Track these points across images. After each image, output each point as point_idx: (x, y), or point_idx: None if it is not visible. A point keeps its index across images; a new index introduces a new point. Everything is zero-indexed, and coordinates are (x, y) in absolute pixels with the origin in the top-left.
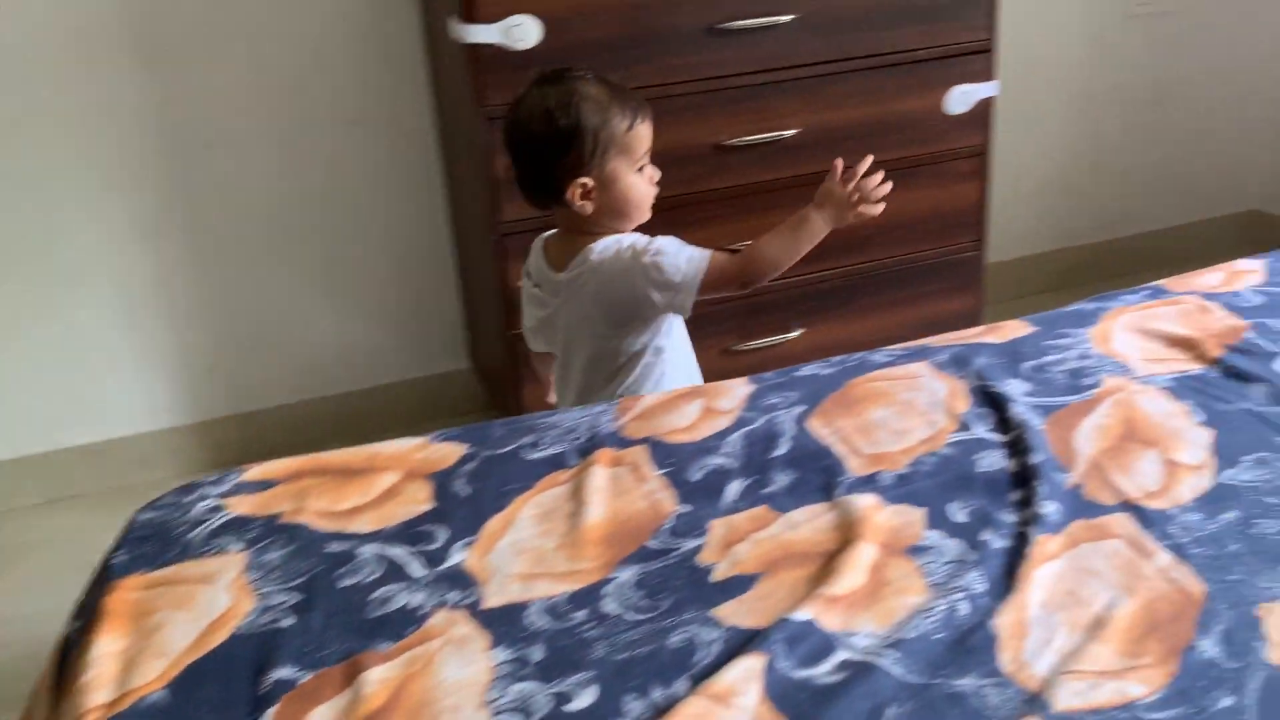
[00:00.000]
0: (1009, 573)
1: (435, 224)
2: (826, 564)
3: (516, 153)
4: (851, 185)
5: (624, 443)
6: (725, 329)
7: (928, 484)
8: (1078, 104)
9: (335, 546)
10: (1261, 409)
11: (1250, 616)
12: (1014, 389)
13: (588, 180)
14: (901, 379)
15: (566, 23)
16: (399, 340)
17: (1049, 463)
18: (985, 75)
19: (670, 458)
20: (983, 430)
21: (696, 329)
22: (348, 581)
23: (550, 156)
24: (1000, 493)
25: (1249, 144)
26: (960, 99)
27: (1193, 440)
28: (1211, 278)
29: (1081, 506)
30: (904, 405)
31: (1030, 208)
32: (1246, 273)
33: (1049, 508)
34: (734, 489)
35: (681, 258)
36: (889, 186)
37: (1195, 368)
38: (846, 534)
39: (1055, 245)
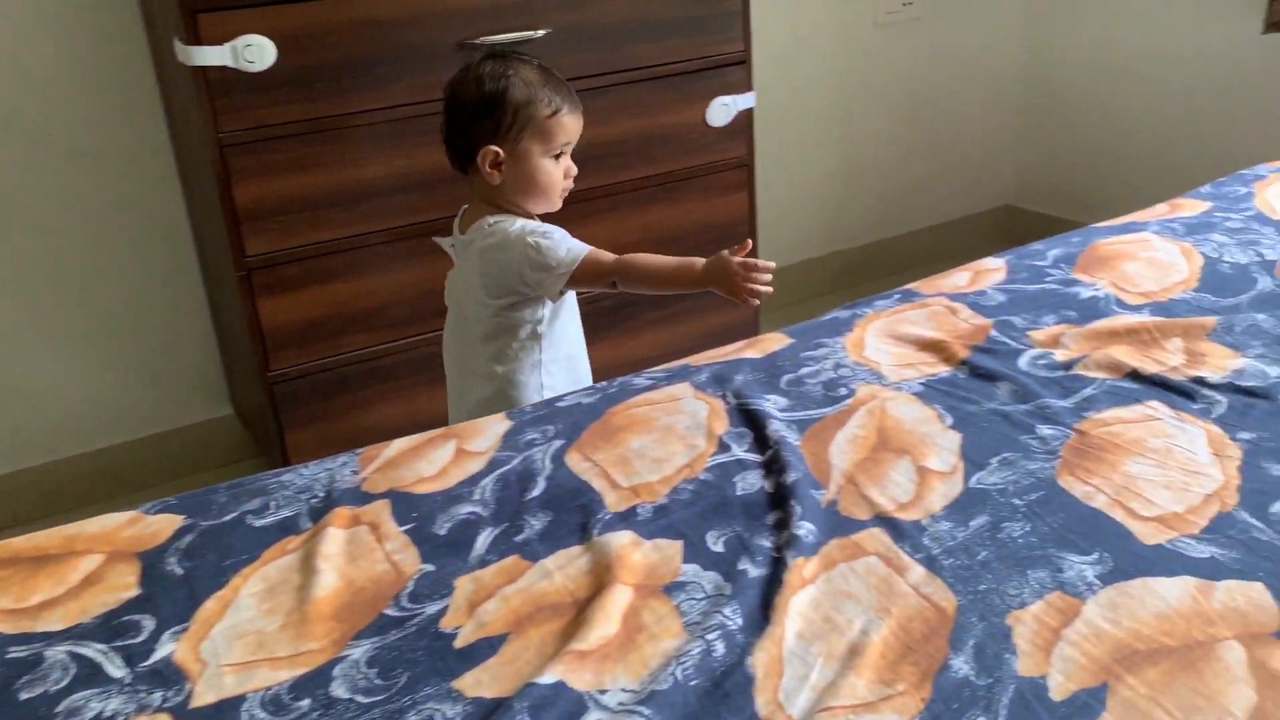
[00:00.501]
0: (765, 603)
1: (182, 261)
2: (579, 614)
3: (446, 114)
4: (747, 263)
5: (364, 498)
6: None
7: (686, 513)
8: (835, 111)
9: (17, 651)
10: (1006, 408)
11: (1001, 627)
12: (772, 405)
13: (499, 150)
14: (662, 403)
15: (303, 42)
16: (154, 389)
17: (805, 480)
18: (744, 86)
19: (414, 511)
20: (741, 450)
21: None
22: (31, 693)
23: (470, 120)
24: (758, 516)
25: (998, 143)
26: (721, 111)
27: (943, 445)
28: (959, 278)
29: (837, 524)
30: (664, 431)
31: (800, 214)
32: (991, 271)
33: (805, 528)
34: (484, 540)
35: (563, 247)
36: (769, 290)
37: (944, 370)
38: (601, 578)
39: (829, 249)
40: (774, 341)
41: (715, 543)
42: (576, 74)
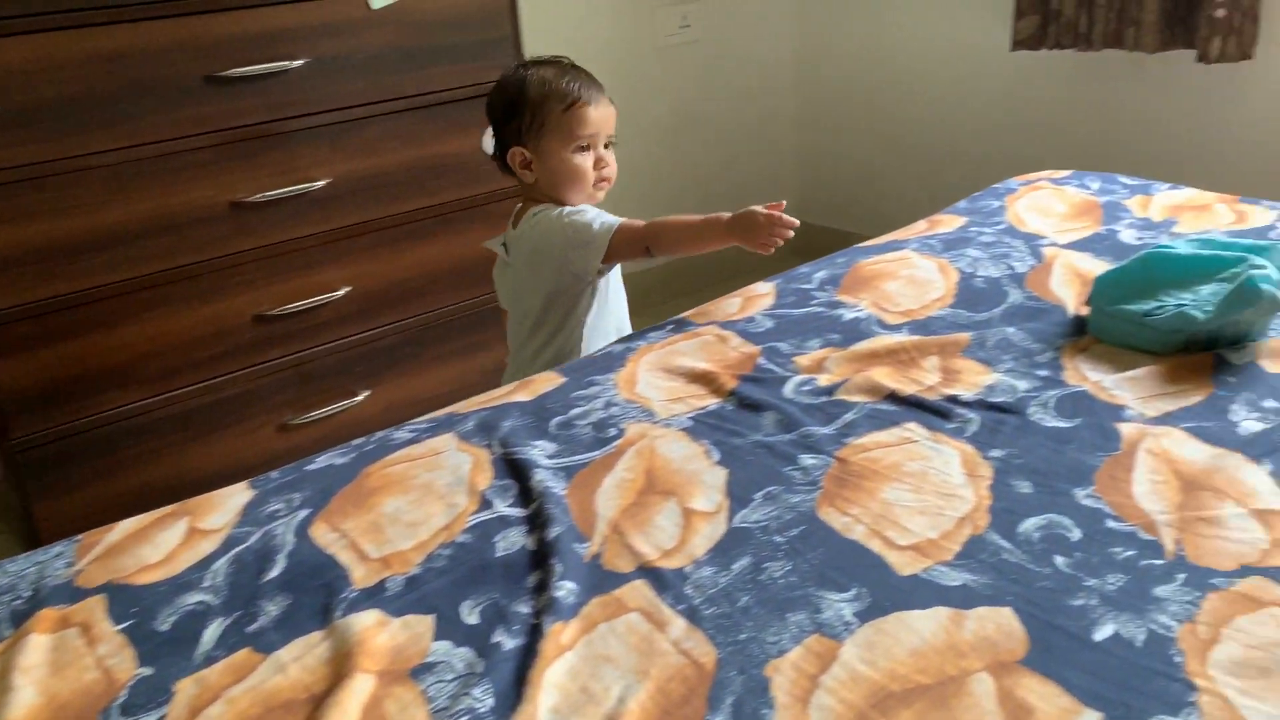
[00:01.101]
0: (520, 679)
1: None
2: (313, 712)
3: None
4: (773, 216)
5: (76, 595)
6: (277, 402)
7: (441, 583)
8: (620, 134)
9: None
10: (771, 439)
11: (760, 680)
12: (539, 452)
13: (525, 152)
14: (423, 458)
15: (24, 78)
16: None
17: (568, 534)
18: None
19: (134, 606)
20: (504, 506)
21: (245, 408)
22: None
23: (499, 126)
24: (518, 579)
25: (779, 159)
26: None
27: (709, 483)
28: (730, 305)
29: (600, 580)
30: (422, 490)
31: None
32: (761, 296)
33: (565, 589)
34: (212, 633)
35: (596, 221)
36: (791, 234)
37: (713, 402)
38: (340, 667)
39: (625, 271)
40: (546, 382)
41: (470, 614)
42: (338, 104)
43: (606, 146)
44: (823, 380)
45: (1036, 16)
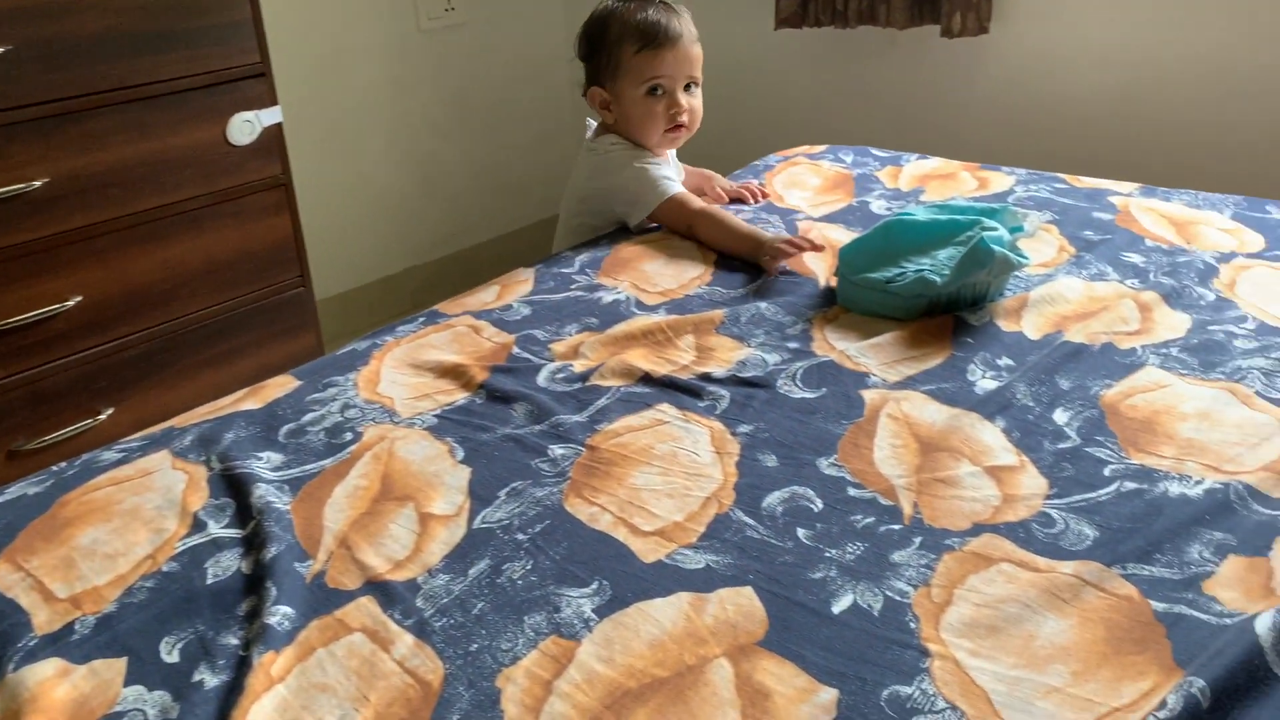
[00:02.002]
0: (220, 719)
1: None
2: None
3: None
4: (792, 240)
5: None
6: (6, 427)
7: (138, 620)
8: (390, 122)
9: None
10: (520, 431)
11: (490, 692)
12: (264, 465)
13: (604, 92)
14: (131, 480)
15: None
16: None
17: (289, 552)
18: (266, 100)
19: None
20: (219, 528)
21: None
22: None
23: (585, 64)
24: (229, 608)
25: (560, 144)
26: (243, 128)
27: (450, 484)
28: (486, 294)
29: (322, 600)
30: (127, 516)
31: (368, 231)
32: (519, 284)
33: (280, 614)
34: None
35: (659, 184)
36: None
37: (461, 397)
38: None
39: (405, 265)
40: (279, 387)
41: (170, 652)
42: (52, 96)
43: (687, 89)
44: (578, 366)
45: None
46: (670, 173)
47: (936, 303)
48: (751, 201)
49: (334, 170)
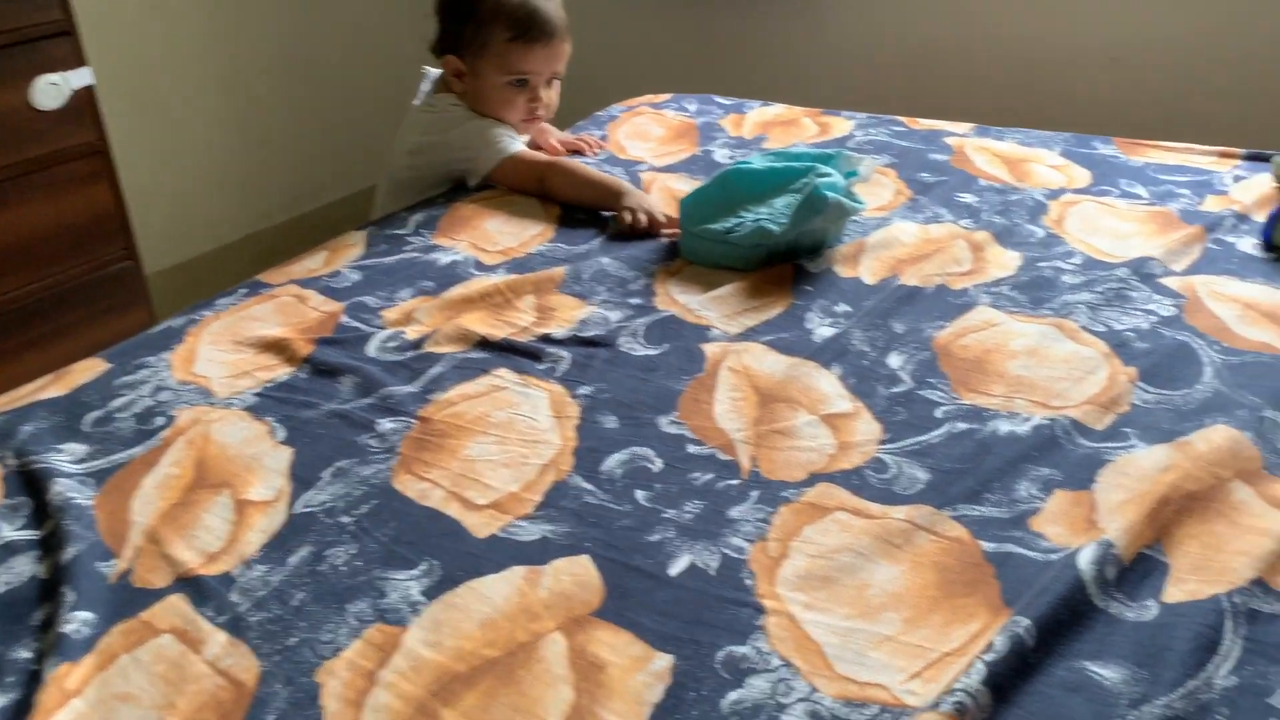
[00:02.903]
0: None
1: None
2: None
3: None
4: (655, 219)
5: None
6: None
7: None
8: (219, 81)
9: None
10: (347, 406)
11: (309, 688)
12: (66, 457)
13: (460, 63)
14: None
15: None
16: None
17: (91, 552)
18: (74, 61)
19: None
20: (11, 531)
21: None
22: None
23: (443, 18)
24: (21, 618)
25: (397, 99)
26: (50, 91)
27: (270, 467)
28: (313, 260)
29: (126, 602)
30: None
31: (200, 197)
32: (349, 248)
33: (78, 621)
34: None
35: (498, 141)
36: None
37: (284, 373)
38: None
39: (243, 233)
40: (86, 371)
41: None
42: None
43: (550, 83)
44: (411, 333)
45: None
46: (511, 130)
47: (776, 251)
48: (589, 154)
49: (157, 134)
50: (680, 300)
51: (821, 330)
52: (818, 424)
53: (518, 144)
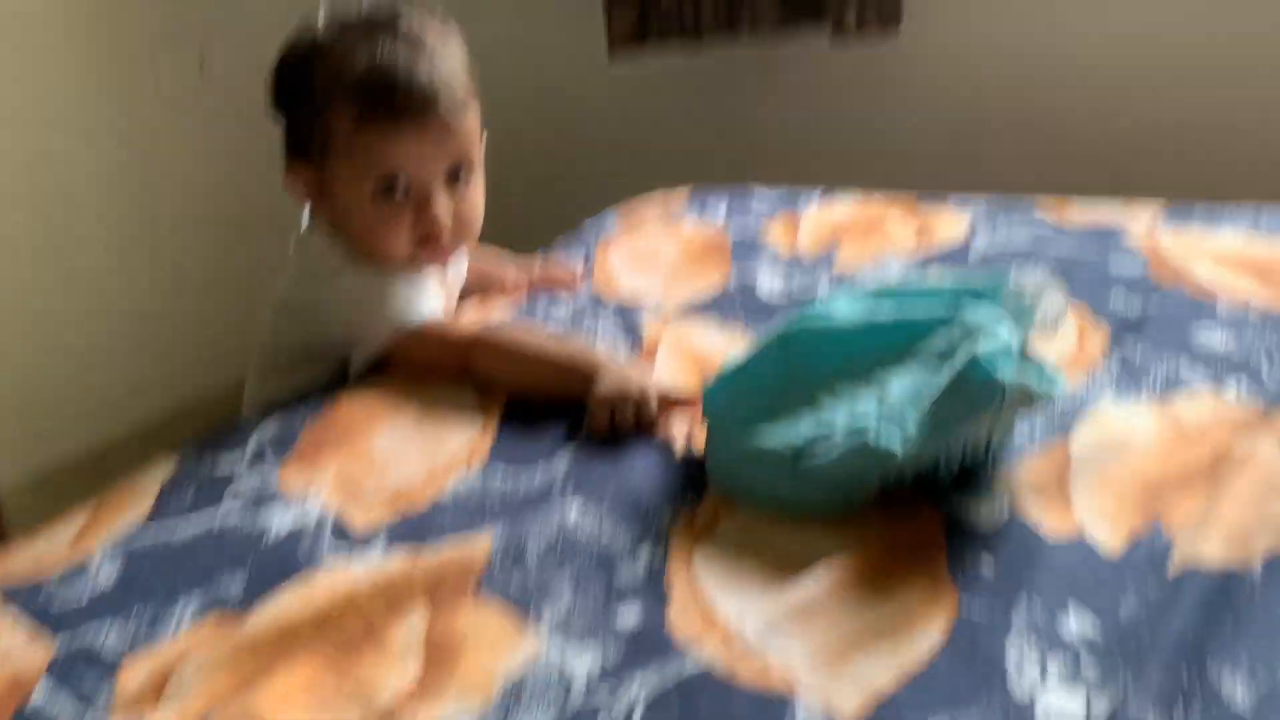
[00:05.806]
0: None
1: None
2: None
3: None
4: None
5: None
6: None
7: None
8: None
9: None
10: None
11: None
12: None
13: (308, 169)
14: None
15: None
16: None
17: None
18: None
19: None
20: None
21: None
22: None
23: (279, 109)
24: None
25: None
26: None
27: None
28: (54, 538)
29: None
30: None
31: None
32: (126, 506)
33: None
34: None
35: (384, 310)
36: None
37: None
38: None
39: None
40: None
41: None
42: None
43: (456, 179)
44: None
45: (632, 8)
46: (416, 287)
47: (894, 483)
48: (565, 294)
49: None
50: (722, 618)
51: (1049, 700)
52: None
53: (426, 305)
